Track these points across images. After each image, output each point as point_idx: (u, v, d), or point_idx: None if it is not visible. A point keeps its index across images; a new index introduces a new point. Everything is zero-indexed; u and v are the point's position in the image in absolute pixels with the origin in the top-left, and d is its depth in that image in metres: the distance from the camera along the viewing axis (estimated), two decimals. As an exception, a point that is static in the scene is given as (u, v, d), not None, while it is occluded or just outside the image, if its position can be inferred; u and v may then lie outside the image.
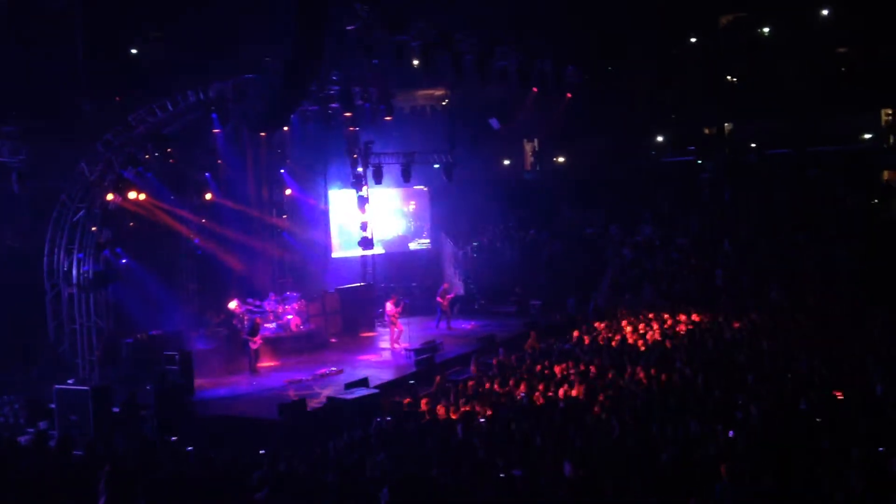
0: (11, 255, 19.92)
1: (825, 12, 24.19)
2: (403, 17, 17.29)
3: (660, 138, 29.31)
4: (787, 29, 25.31)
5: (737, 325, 16.78)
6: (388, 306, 20.67)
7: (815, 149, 24.67)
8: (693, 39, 26.67)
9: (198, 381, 16.74)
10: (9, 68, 17.96)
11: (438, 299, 22.72)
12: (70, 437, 10.56)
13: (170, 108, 18.05)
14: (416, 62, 18.62)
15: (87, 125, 19.20)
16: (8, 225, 20.02)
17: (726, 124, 28.57)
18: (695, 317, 18.08)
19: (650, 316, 18.97)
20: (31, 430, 14.07)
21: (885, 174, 24.99)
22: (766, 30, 25.65)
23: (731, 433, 8.88)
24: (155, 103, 18.00)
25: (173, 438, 12.30)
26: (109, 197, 18.25)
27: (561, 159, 30.24)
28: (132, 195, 18.86)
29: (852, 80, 24.62)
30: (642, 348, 15.51)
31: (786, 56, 25.48)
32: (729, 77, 27.20)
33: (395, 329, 20.54)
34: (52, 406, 14.40)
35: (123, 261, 19.23)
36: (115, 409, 14.49)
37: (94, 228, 18.20)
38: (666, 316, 18.64)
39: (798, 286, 19.51)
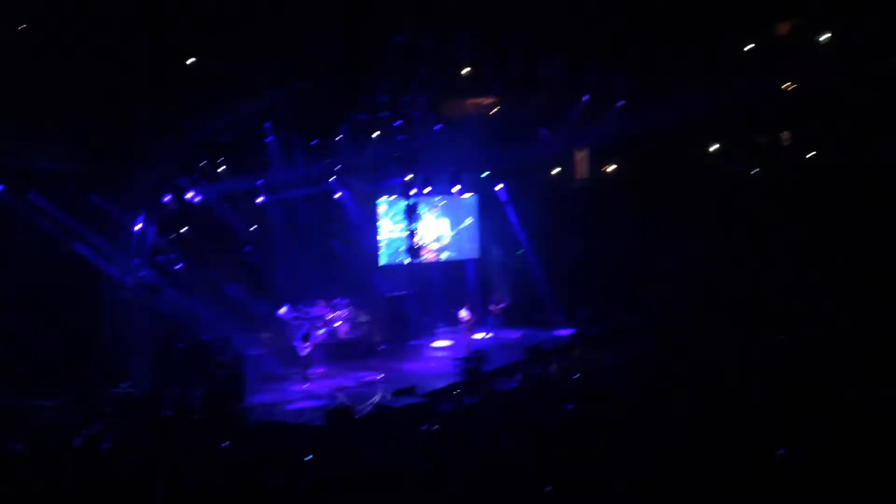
0: (71, 260, 20.44)
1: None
2: (451, 26, 17.35)
3: (713, 147, 28.69)
4: (844, 37, 24.62)
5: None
6: (463, 313, 20.66)
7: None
8: (749, 45, 26.06)
9: (247, 387, 16.96)
10: (63, 74, 18.32)
11: (491, 308, 22.78)
12: (122, 441, 10.76)
13: (224, 117, 18.41)
14: (464, 71, 18.66)
15: (142, 132, 19.56)
16: (69, 228, 20.53)
17: (783, 133, 27.84)
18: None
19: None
20: (85, 432, 14.40)
21: None
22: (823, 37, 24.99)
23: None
24: (209, 112, 18.35)
25: (224, 444, 12.45)
26: (164, 203, 18.69)
27: (611, 168, 29.80)
28: (186, 202, 19.26)
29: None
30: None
31: (843, 64, 24.70)
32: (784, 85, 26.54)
33: (468, 336, 20.49)
34: (107, 409, 14.74)
35: (177, 266, 19.60)
36: (167, 413, 14.76)
37: (148, 235, 18.67)
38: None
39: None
